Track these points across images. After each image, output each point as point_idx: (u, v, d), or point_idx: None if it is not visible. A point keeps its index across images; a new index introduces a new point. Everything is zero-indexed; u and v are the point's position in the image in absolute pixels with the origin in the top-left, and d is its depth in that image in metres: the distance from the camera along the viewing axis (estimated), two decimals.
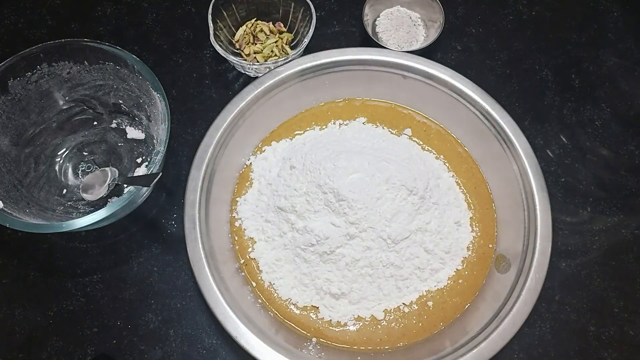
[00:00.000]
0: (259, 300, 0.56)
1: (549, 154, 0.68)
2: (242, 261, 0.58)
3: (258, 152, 0.64)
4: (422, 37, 0.72)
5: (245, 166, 0.63)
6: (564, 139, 0.69)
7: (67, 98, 0.62)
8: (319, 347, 0.54)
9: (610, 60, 0.74)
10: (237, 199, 0.61)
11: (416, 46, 0.71)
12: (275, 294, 0.57)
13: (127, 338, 0.57)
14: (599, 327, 0.59)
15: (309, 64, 0.62)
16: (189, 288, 0.59)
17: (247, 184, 0.62)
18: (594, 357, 0.58)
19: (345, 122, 0.65)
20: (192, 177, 0.56)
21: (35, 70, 0.58)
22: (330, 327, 0.56)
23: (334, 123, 0.66)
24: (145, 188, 0.55)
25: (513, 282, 0.54)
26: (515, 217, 0.57)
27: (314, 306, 0.56)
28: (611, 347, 0.58)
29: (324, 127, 0.65)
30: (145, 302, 0.59)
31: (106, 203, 0.60)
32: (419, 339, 0.55)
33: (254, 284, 0.57)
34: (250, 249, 0.59)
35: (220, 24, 0.68)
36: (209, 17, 0.65)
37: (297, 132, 0.65)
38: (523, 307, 0.51)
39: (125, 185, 0.61)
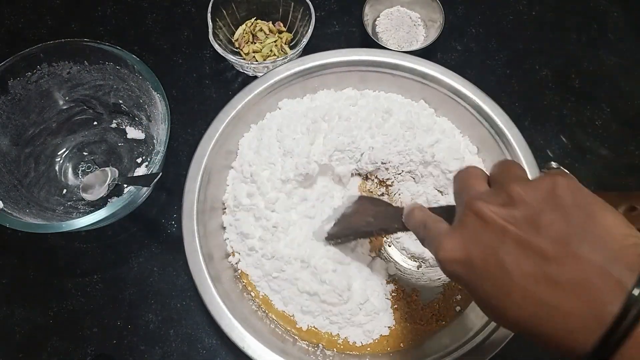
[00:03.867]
0: (262, 308, 0.56)
1: (549, 154, 0.68)
2: (239, 270, 0.58)
3: None
4: (422, 37, 0.72)
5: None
6: (564, 139, 0.69)
7: (67, 98, 0.62)
8: (327, 352, 0.54)
9: (610, 60, 0.74)
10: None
11: (416, 46, 0.71)
12: (273, 305, 0.57)
13: (127, 338, 0.57)
14: None
15: (298, 68, 0.61)
16: (189, 288, 0.59)
17: None
18: None
19: None
20: (188, 189, 0.55)
21: (35, 70, 0.58)
22: (332, 338, 0.55)
23: None
24: (145, 188, 0.55)
25: None
26: None
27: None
28: None
29: None
30: (145, 302, 0.59)
31: (106, 203, 0.60)
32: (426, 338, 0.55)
33: (253, 294, 0.57)
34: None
35: (219, 22, 0.68)
36: (209, 15, 0.65)
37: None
38: None
39: (125, 185, 0.61)
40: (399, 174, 0.60)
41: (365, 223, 0.50)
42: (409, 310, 0.56)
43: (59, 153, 0.64)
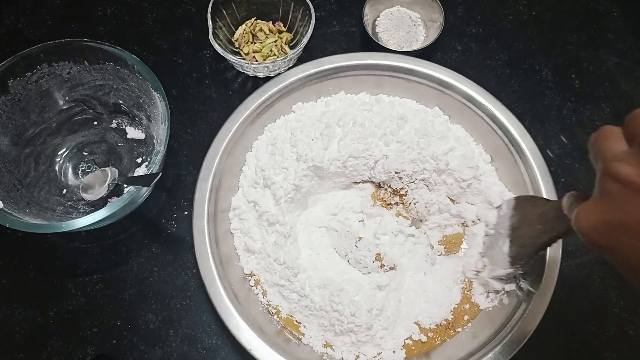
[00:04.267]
0: (271, 311, 0.56)
1: (549, 154, 0.68)
2: (249, 272, 0.58)
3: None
4: (422, 37, 0.72)
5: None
6: (564, 139, 0.69)
7: (67, 98, 0.62)
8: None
9: (610, 60, 0.74)
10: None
11: (416, 46, 0.71)
12: (281, 310, 0.56)
13: (127, 338, 0.57)
14: (599, 327, 0.59)
15: (312, 70, 0.61)
16: (189, 288, 0.59)
17: None
18: (594, 357, 0.58)
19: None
20: (200, 189, 0.56)
21: (35, 70, 0.58)
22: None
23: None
24: (145, 188, 0.54)
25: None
26: None
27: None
28: (611, 347, 0.58)
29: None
30: (145, 302, 0.59)
31: (106, 203, 0.60)
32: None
33: (261, 298, 0.57)
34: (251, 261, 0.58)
35: (219, 22, 0.68)
36: (209, 15, 0.65)
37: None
38: (535, 311, 0.52)
39: (125, 185, 0.61)
40: (412, 182, 0.59)
41: (538, 233, 0.46)
42: None
43: (59, 153, 0.64)
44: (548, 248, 0.52)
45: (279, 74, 0.63)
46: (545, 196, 0.55)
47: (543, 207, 0.47)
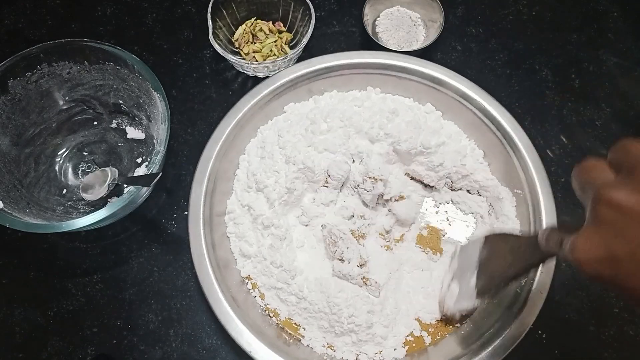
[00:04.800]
0: (269, 313, 0.56)
1: (549, 154, 0.68)
2: (246, 275, 0.58)
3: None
4: (422, 37, 0.72)
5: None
6: (564, 139, 0.69)
7: (67, 98, 0.62)
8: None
9: (610, 60, 0.74)
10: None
11: (416, 46, 0.71)
12: (279, 313, 0.56)
13: (127, 338, 0.57)
14: (599, 327, 0.59)
15: (304, 70, 0.61)
16: (189, 288, 0.59)
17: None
18: (594, 357, 0.58)
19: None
20: (195, 192, 0.55)
21: (35, 70, 0.58)
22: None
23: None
24: (145, 188, 0.54)
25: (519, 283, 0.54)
26: (521, 215, 0.58)
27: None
28: (611, 347, 0.58)
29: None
30: (145, 302, 0.59)
31: (106, 203, 0.60)
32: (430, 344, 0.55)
33: (260, 300, 0.57)
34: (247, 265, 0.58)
35: (219, 22, 0.68)
36: (209, 15, 0.65)
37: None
38: (531, 309, 0.51)
39: (125, 185, 0.61)
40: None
41: (508, 265, 0.47)
42: None
43: (59, 153, 0.64)
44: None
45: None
46: (539, 190, 0.56)
47: (513, 241, 0.47)
